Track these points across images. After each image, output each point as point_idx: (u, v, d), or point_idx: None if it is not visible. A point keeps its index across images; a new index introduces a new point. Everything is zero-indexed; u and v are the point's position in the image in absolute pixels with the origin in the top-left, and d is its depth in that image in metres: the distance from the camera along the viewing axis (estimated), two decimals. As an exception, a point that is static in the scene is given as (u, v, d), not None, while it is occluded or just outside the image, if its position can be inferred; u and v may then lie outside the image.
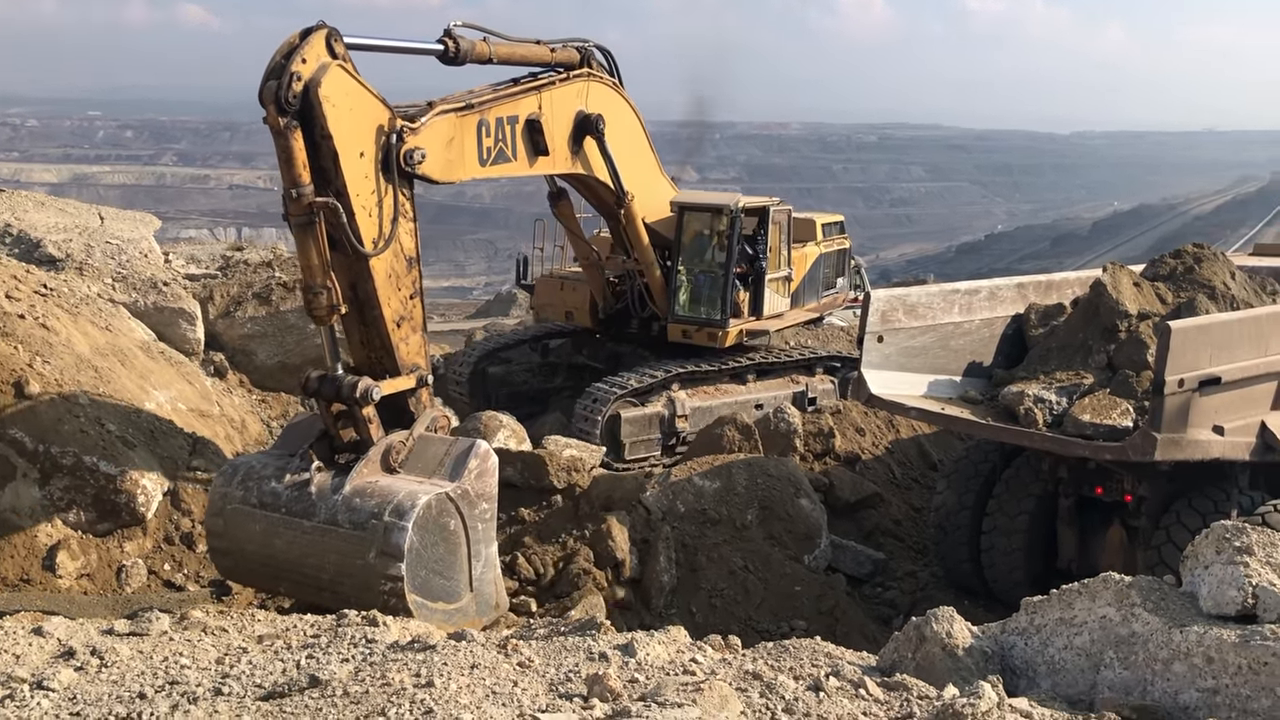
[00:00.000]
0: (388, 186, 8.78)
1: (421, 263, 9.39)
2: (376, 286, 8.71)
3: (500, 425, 12.63)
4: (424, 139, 9.27)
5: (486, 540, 8.56)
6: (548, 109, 11.59)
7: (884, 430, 14.90)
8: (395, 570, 7.72)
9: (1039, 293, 11.78)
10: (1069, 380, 10.23)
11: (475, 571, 8.40)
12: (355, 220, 8.47)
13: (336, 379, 8.49)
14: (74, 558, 9.90)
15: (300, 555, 8.11)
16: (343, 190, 8.38)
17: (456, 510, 8.23)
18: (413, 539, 7.79)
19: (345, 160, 8.34)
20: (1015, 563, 11.18)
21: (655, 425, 14.54)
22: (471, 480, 8.36)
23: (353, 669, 4.71)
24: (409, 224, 9.10)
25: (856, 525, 12.94)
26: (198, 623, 5.93)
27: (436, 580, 8.11)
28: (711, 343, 14.98)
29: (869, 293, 10.96)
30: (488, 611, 8.61)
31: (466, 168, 10.25)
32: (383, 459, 8.36)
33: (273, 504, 8.30)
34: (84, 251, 15.25)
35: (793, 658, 4.92)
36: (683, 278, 15.19)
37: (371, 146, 8.65)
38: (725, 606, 10.16)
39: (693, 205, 15.23)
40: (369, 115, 8.61)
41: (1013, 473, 11.40)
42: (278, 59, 7.95)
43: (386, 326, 8.85)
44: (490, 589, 8.63)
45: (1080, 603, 4.67)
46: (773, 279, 15.50)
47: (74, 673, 4.80)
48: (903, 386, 10.53)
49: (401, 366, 8.98)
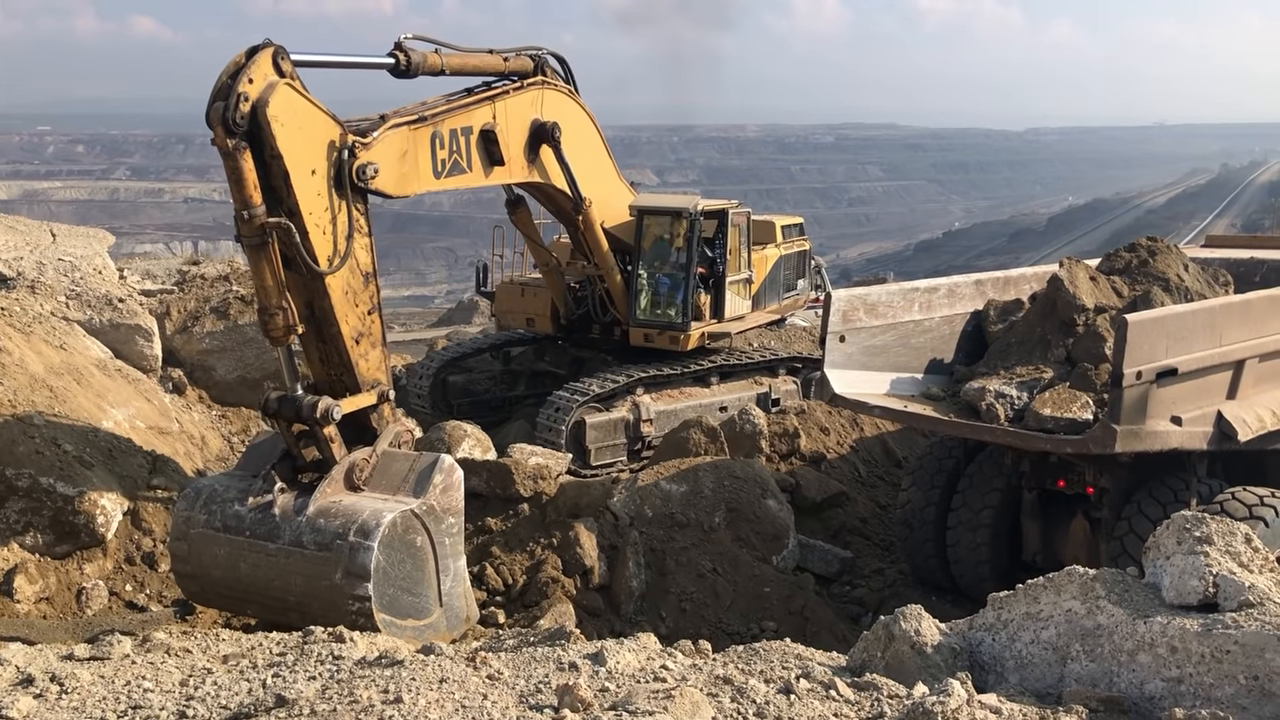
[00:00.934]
0: (341, 203, 8.68)
1: (381, 273, 9.33)
2: (333, 304, 8.62)
3: (465, 435, 12.54)
4: (376, 154, 9.17)
5: (454, 554, 8.50)
6: (502, 118, 11.52)
7: (848, 429, 14.97)
8: (362, 590, 7.66)
9: (997, 289, 11.89)
10: (1029, 375, 10.33)
11: (444, 586, 8.35)
12: (309, 239, 8.37)
13: (296, 399, 8.39)
14: (32, 581, 9.72)
15: (266, 578, 8.02)
16: (295, 209, 8.28)
17: (423, 526, 8.16)
18: (379, 558, 7.72)
19: (296, 179, 8.24)
20: (981, 557, 11.27)
21: (620, 430, 14.50)
22: (437, 495, 8.30)
23: (320, 687, 4.65)
24: (364, 239, 9.01)
25: (823, 524, 12.99)
26: (161, 644, 5.84)
27: (405, 597, 8.05)
28: (674, 346, 14.95)
29: (830, 293, 10.99)
30: (458, 625, 8.55)
31: (421, 181, 10.16)
32: (346, 477, 8.28)
33: (237, 527, 8.20)
34: (36, 269, 15.00)
35: (763, 661, 4.92)
36: (643, 281, 15.15)
37: (323, 164, 8.56)
38: (695, 610, 10.16)
39: (652, 209, 15.21)
40: (319, 132, 8.51)
41: (976, 468, 11.49)
42: (224, 79, 7.84)
43: (345, 343, 8.77)
44: (460, 602, 8.58)
45: (1046, 597, 4.71)
46: (733, 281, 15.48)
47: (33, 700, 4.70)
48: (866, 385, 10.58)
49: (362, 383, 8.91)
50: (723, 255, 15.25)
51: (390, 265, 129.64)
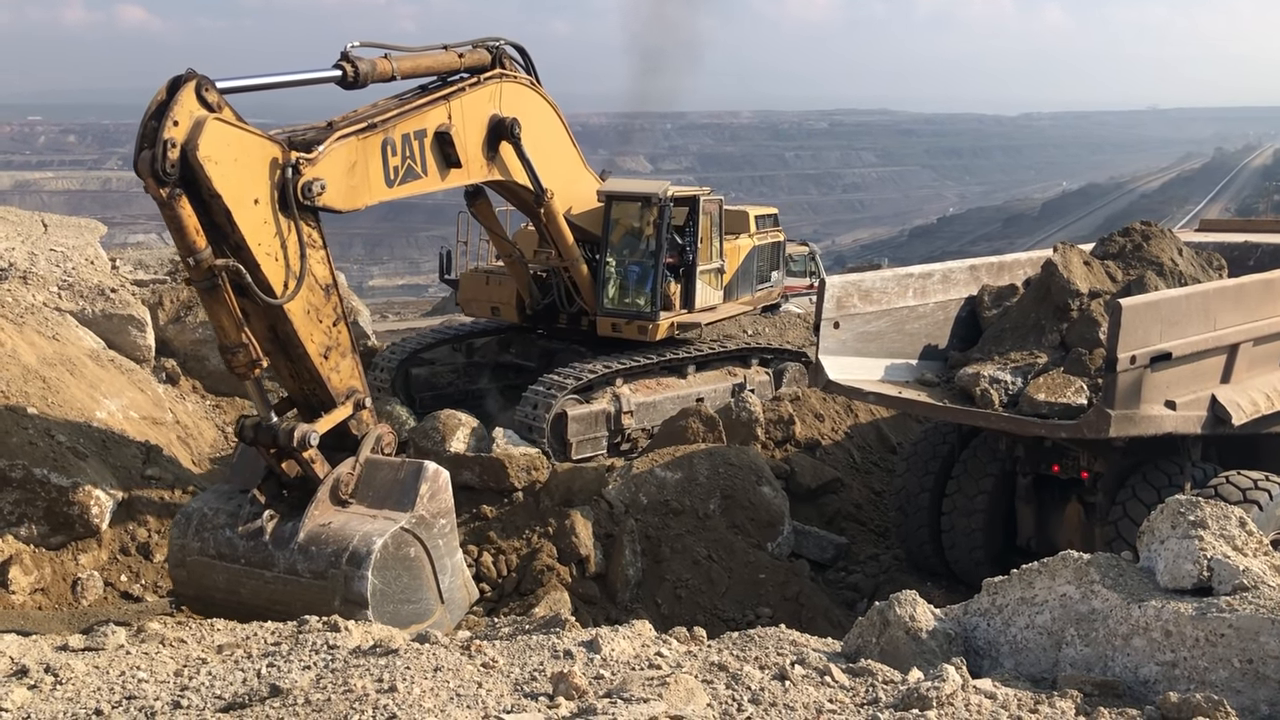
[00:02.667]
0: (289, 224, 8.30)
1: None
2: (296, 327, 8.38)
3: (459, 424, 12.50)
4: (322, 169, 8.74)
5: (450, 551, 8.52)
6: (458, 117, 11.06)
7: (842, 415, 14.98)
8: (362, 616, 7.62)
9: (991, 274, 11.88)
10: (1023, 360, 10.33)
11: (444, 584, 8.38)
12: (261, 270, 8.06)
13: (272, 428, 8.23)
14: (27, 572, 9.71)
15: (268, 603, 8.00)
16: (242, 243, 7.94)
17: (415, 538, 8.17)
18: (374, 583, 7.76)
19: (239, 214, 7.88)
20: (975, 543, 11.29)
21: (602, 423, 14.19)
22: (425, 505, 8.28)
23: (314, 676, 4.65)
24: (319, 252, 8.69)
25: (818, 511, 13.01)
26: (155, 634, 5.83)
27: (406, 608, 8.09)
28: (642, 336, 14.61)
29: (824, 279, 10.98)
30: (463, 613, 8.64)
31: (373, 192, 9.70)
32: (332, 494, 8.23)
33: (231, 554, 8.19)
34: (28, 260, 14.95)
35: (758, 647, 4.92)
36: (611, 270, 14.76)
37: (265, 190, 8.17)
38: (690, 597, 10.18)
39: (620, 195, 14.75)
40: (256, 159, 8.11)
41: (970, 454, 11.50)
42: (147, 122, 7.42)
43: (313, 361, 8.57)
44: (461, 594, 8.62)
45: (1040, 582, 4.71)
46: (704, 271, 15.14)
47: (27, 691, 4.69)
48: (860, 371, 10.57)
49: (336, 395, 8.73)
50: (693, 244, 14.88)
51: (384, 254, 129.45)
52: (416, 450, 12.29)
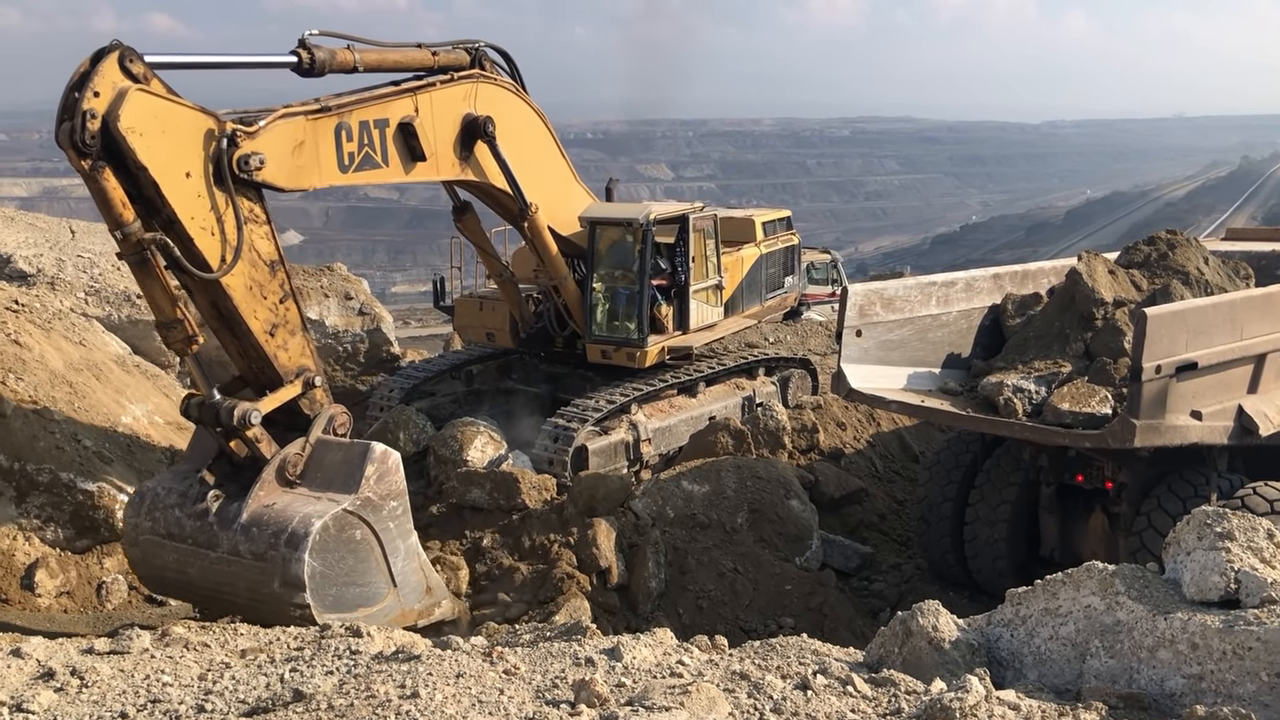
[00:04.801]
0: (225, 199, 8.15)
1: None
2: (236, 303, 8.26)
3: (477, 433, 12.48)
4: (263, 143, 8.59)
5: (403, 534, 8.35)
6: (426, 111, 10.82)
7: (865, 424, 14.93)
8: (300, 599, 7.57)
9: (1015, 283, 11.83)
10: (1047, 369, 10.28)
11: (396, 567, 8.22)
12: (195, 244, 7.95)
13: (214, 405, 8.12)
14: (53, 575, 9.79)
15: (215, 584, 7.98)
16: (174, 217, 7.83)
17: (360, 520, 8.02)
18: (312, 566, 7.63)
19: (168, 186, 7.76)
20: (998, 552, 11.22)
21: (621, 453, 13.60)
22: (371, 486, 8.10)
23: (337, 681, 4.66)
24: (262, 228, 8.54)
25: (842, 520, 12.97)
26: (179, 639, 5.87)
27: (351, 591, 7.97)
28: (630, 363, 13.96)
29: (846, 287, 10.95)
30: (419, 598, 8.42)
31: (323, 174, 9.50)
32: (279, 475, 8.09)
33: (179, 534, 8.11)
34: (55, 266, 15.11)
35: (780, 656, 4.91)
36: (598, 295, 14.15)
37: (198, 162, 8.01)
38: (712, 608, 10.15)
39: (602, 219, 14.07)
40: (187, 131, 7.94)
41: (994, 463, 11.44)
42: (69, 93, 7.30)
43: (258, 339, 8.43)
44: (417, 578, 8.44)
45: (1065, 592, 4.68)
46: (699, 289, 14.52)
47: (54, 694, 4.73)
48: (882, 380, 10.55)
49: (284, 374, 8.59)
50: (685, 263, 14.25)
51: (406, 261, 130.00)
52: (435, 459, 12.32)
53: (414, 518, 11.01)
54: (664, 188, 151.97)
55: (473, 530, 10.53)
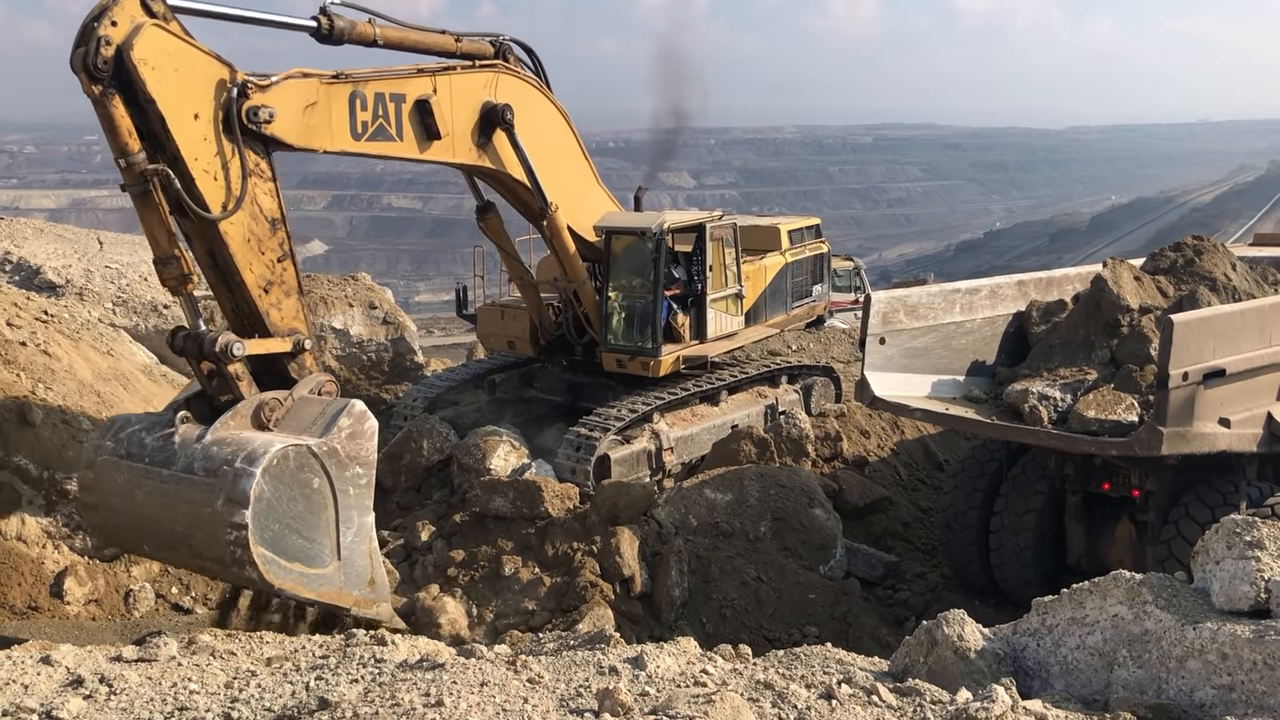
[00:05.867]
0: (233, 147, 8.36)
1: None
2: (233, 252, 8.35)
3: (500, 442, 12.50)
4: (273, 97, 8.79)
5: (360, 508, 8.09)
6: (445, 93, 10.91)
7: (889, 432, 14.87)
8: (240, 518, 7.29)
9: (1040, 290, 11.77)
10: (1072, 377, 10.22)
11: (344, 539, 7.95)
12: (196, 185, 8.12)
13: (199, 335, 8.16)
14: (81, 584, 9.89)
15: (159, 506, 7.77)
16: (178, 155, 8.04)
17: (322, 468, 7.78)
18: (262, 486, 7.37)
19: (175, 123, 7.98)
20: (1024, 561, 11.15)
21: (644, 462, 13.58)
22: (342, 439, 7.92)
23: (362, 690, 4.68)
24: (266, 184, 8.68)
25: (866, 529, 12.92)
26: (206, 646, 5.90)
27: (293, 538, 7.66)
28: (645, 372, 13.90)
29: (870, 294, 10.93)
30: (359, 585, 8.11)
31: (335, 138, 9.72)
32: (255, 415, 8.01)
33: (138, 454, 7.98)
34: (84, 277, 15.28)
35: (804, 665, 4.89)
36: (613, 304, 14.12)
37: (208, 106, 8.22)
38: (736, 616, 10.13)
39: (617, 228, 14.05)
40: (200, 74, 8.17)
41: (1019, 471, 11.38)
42: (88, 21, 7.55)
43: (252, 292, 8.49)
44: (363, 562, 8.14)
45: (1092, 602, 4.64)
46: (718, 298, 14.41)
47: (83, 701, 4.77)
48: (906, 388, 10.51)
49: (275, 332, 8.62)
50: (701, 272, 14.19)
51: (430, 270, 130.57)
52: (459, 467, 12.37)
53: (438, 526, 11.10)
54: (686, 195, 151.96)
55: (496, 539, 10.55)
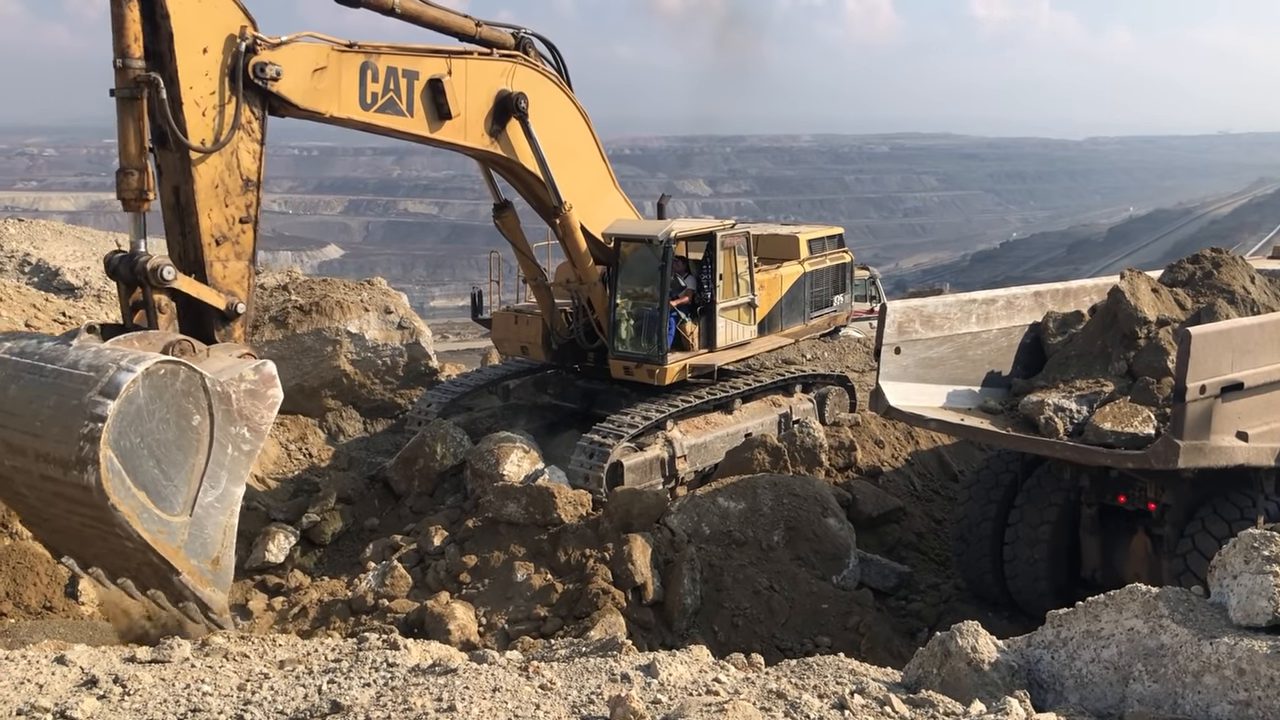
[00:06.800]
0: (232, 95, 8.63)
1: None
2: (197, 190, 8.46)
3: (514, 448, 12.51)
4: (282, 56, 9.06)
5: (233, 475, 7.67)
6: (459, 76, 11.03)
7: (903, 442, 14.82)
8: (102, 409, 6.89)
9: (1056, 301, 11.72)
10: (1089, 388, 10.17)
11: (204, 498, 7.51)
12: (183, 113, 8.31)
13: (132, 258, 8.16)
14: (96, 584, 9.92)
15: (27, 400, 7.38)
16: (175, 78, 8.25)
17: (208, 408, 7.42)
18: (138, 388, 7.00)
19: (182, 48, 8.24)
20: (1038, 573, 11.09)
21: (656, 469, 13.50)
22: (239, 390, 7.61)
23: (374, 694, 4.68)
24: (253, 145, 8.85)
25: (879, 539, 12.87)
26: (219, 649, 5.92)
27: (149, 464, 7.20)
28: (651, 380, 13.80)
29: (885, 304, 10.89)
30: (201, 557, 7.57)
31: (343, 104, 9.96)
32: (164, 345, 7.80)
33: (32, 353, 7.66)
34: (102, 279, 15.36)
35: (817, 675, 4.87)
36: (621, 311, 14.05)
37: (218, 45, 8.54)
38: (748, 625, 10.10)
39: (625, 235, 13.97)
40: (222, 13, 8.55)
41: (1034, 482, 11.32)
42: None
43: (203, 239, 8.53)
44: (215, 534, 7.63)
45: (1107, 615, 4.62)
46: (729, 307, 14.28)
47: (97, 701, 4.79)
48: (921, 398, 10.47)
49: (214, 287, 8.60)
50: (711, 281, 14.10)
51: (445, 275, 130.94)
52: (472, 473, 12.37)
53: (450, 531, 11.11)
54: (701, 203, 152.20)
55: (509, 544, 10.55)
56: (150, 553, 7.34)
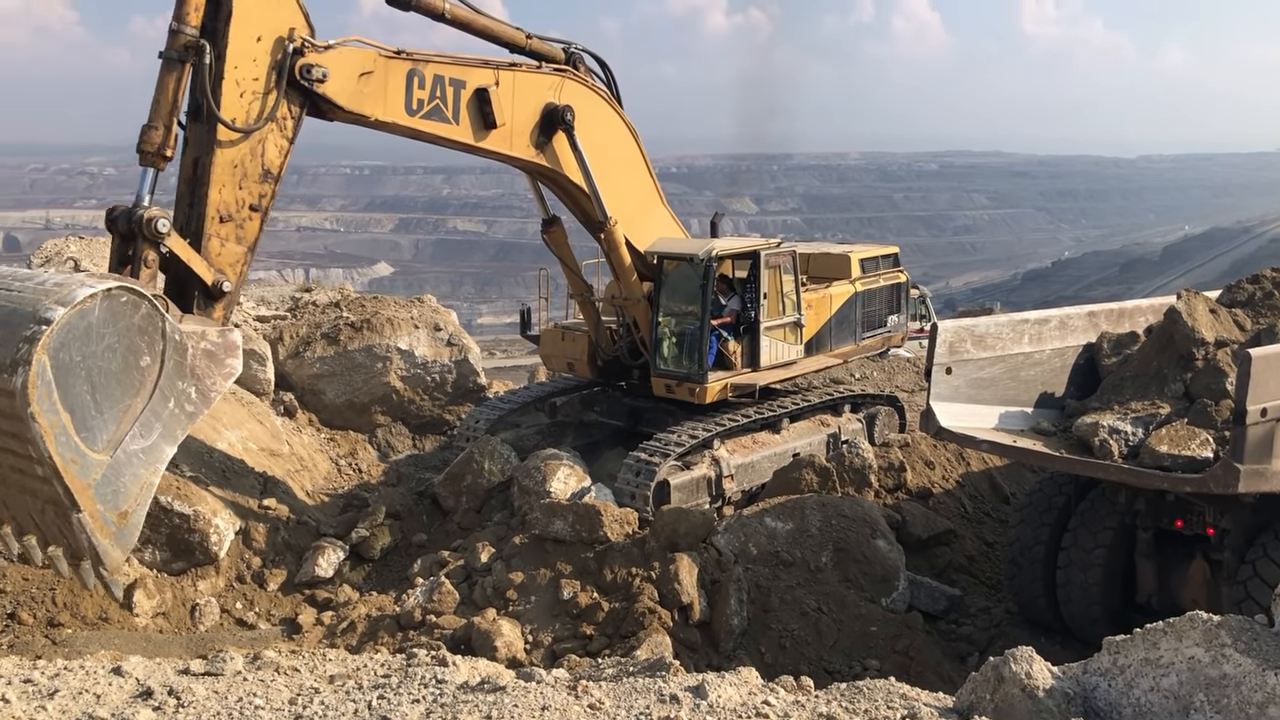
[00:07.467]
0: (276, 90, 8.98)
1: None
2: (214, 164, 8.73)
3: (560, 465, 12.52)
4: (329, 59, 9.37)
5: (166, 432, 7.40)
6: (506, 87, 11.18)
7: (954, 463, 14.65)
8: (51, 315, 6.67)
9: (1111, 321, 11.55)
10: (1144, 410, 9.99)
11: (129, 444, 7.21)
12: (222, 86, 8.66)
13: (130, 210, 8.32)
14: (150, 596, 10.08)
15: None
16: (223, 55, 8.60)
17: (160, 351, 7.23)
18: (94, 304, 6.80)
19: (236, 31, 8.61)
20: (1092, 598, 10.89)
21: (703, 489, 13.40)
22: (198, 348, 7.49)
23: (424, 710, 4.70)
24: (282, 141, 9.15)
25: (929, 561, 12.71)
26: (270, 662, 5.98)
27: (83, 389, 6.89)
28: (691, 398, 13.73)
29: (936, 323, 10.78)
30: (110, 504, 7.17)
31: (388, 109, 10.22)
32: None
33: (6, 274, 7.52)
34: (159, 295, 15.61)
35: (867, 699, 4.82)
36: (663, 329, 14.06)
37: (270, 37, 8.91)
38: (795, 647, 10.00)
39: (668, 253, 13.98)
40: (281, 10, 8.96)
41: (1088, 506, 11.13)
42: None
43: (207, 211, 8.73)
44: (130, 484, 7.27)
45: (1166, 643, 4.52)
46: (774, 326, 14.17)
47: (152, 712, 4.86)
48: (973, 419, 10.35)
49: (206, 260, 8.71)
50: (755, 300, 13.96)
51: (493, 293, 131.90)
52: (519, 489, 12.40)
53: (497, 548, 11.14)
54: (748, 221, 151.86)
55: (555, 562, 10.56)
56: (56, 481, 6.94)
